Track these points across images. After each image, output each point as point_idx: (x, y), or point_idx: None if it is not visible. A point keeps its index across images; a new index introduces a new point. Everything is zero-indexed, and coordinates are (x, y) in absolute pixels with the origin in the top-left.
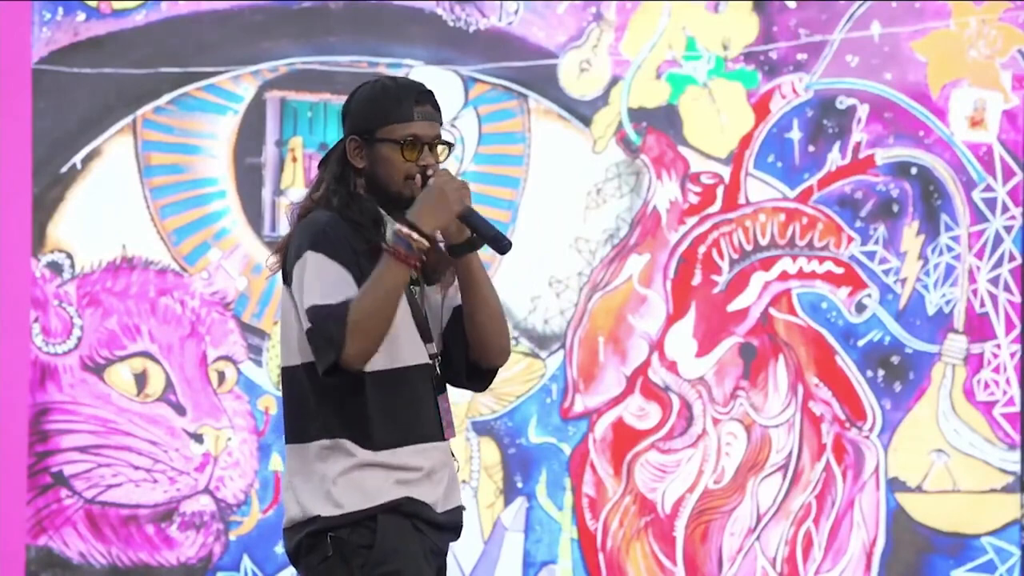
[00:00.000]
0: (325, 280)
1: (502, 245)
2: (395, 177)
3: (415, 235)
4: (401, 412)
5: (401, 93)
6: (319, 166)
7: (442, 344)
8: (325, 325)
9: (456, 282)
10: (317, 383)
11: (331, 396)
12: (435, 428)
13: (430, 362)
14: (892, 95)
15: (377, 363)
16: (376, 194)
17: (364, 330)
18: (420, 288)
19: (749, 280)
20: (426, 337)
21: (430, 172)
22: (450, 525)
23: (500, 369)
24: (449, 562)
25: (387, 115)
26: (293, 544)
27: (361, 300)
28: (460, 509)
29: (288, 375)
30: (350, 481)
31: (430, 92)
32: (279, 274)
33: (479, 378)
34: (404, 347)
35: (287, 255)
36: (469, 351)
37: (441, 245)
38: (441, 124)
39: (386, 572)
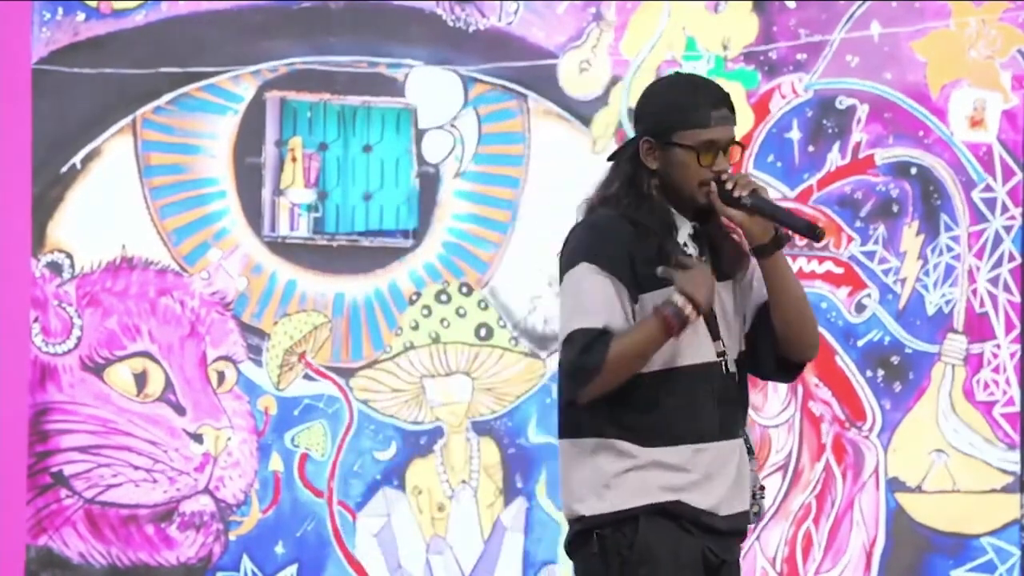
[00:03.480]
0: (594, 299)
1: (816, 233)
2: (689, 182)
3: (690, 310)
4: (676, 412)
5: (700, 96)
6: (609, 160)
7: (747, 341)
8: (586, 357)
9: (753, 277)
10: None
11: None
12: (713, 428)
13: (716, 360)
14: (892, 95)
15: (654, 363)
16: (668, 196)
17: (609, 381)
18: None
19: None
20: (714, 334)
21: (724, 177)
22: (733, 530)
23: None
24: (448, 562)
25: (685, 119)
26: (568, 537)
27: (619, 353)
28: (744, 515)
29: None
30: (622, 480)
31: (726, 94)
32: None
33: (788, 371)
34: (686, 347)
35: (563, 252)
36: (777, 346)
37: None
38: (735, 124)
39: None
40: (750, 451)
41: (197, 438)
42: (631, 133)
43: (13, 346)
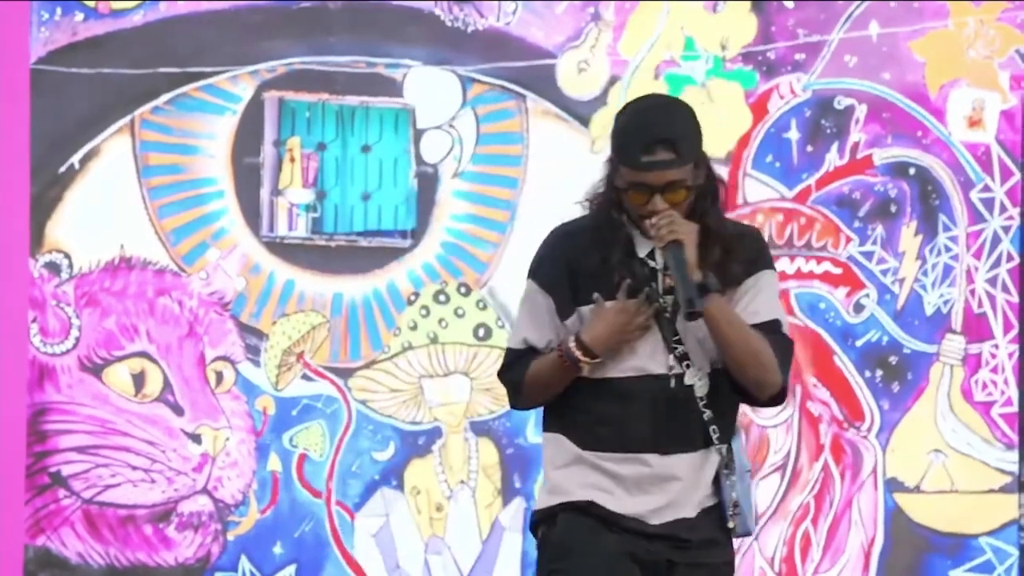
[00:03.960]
0: (528, 317)
1: (690, 314)
2: (632, 210)
3: (583, 357)
4: (606, 420)
5: (633, 136)
6: None
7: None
8: (507, 375)
9: (732, 297)
10: None
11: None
12: (645, 440)
13: (664, 373)
14: (890, 95)
15: (595, 371)
16: (630, 213)
17: (529, 399)
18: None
19: None
20: (670, 348)
21: (652, 221)
22: (665, 535)
23: (767, 400)
24: (446, 562)
25: (620, 155)
26: None
27: (533, 378)
28: (682, 522)
29: None
30: (556, 475)
31: (668, 136)
32: None
33: (746, 397)
34: (626, 359)
35: None
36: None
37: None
38: (681, 164)
39: (553, 570)
40: (727, 466)
41: (195, 438)
42: None
43: (11, 346)
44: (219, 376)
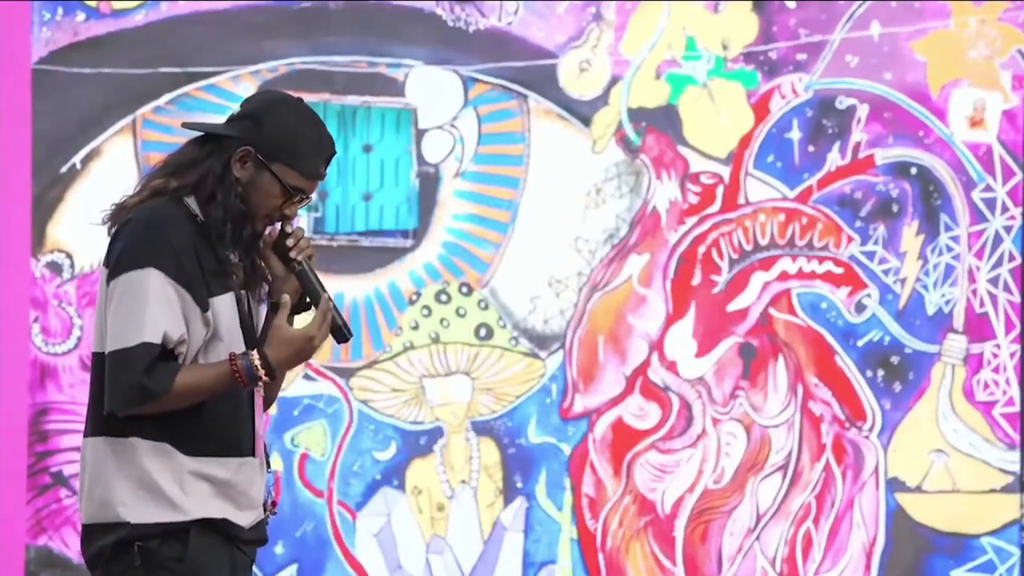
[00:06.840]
0: (160, 309)
1: (343, 335)
2: (261, 209)
3: (264, 375)
4: (223, 421)
5: (320, 146)
6: (194, 142)
7: None
8: (150, 380)
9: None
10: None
11: None
12: (249, 441)
13: None
14: (892, 95)
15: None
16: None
17: (165, 407)
18: (250, 300)
19: (749, 280)
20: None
21: (289, 230)
22: (257, 539)
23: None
24: (448, 562)
25: (296, 158)
26: (90, 550)
27: (189, 389)
28: (263, 523)
29: (98, 361)
30: (172, 489)
31: (334, 152)
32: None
33: None
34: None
35: (115, 240)
36: None
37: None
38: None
39: None
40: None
41: None
42: (631, 133)
43: (13, 346)
44: None
